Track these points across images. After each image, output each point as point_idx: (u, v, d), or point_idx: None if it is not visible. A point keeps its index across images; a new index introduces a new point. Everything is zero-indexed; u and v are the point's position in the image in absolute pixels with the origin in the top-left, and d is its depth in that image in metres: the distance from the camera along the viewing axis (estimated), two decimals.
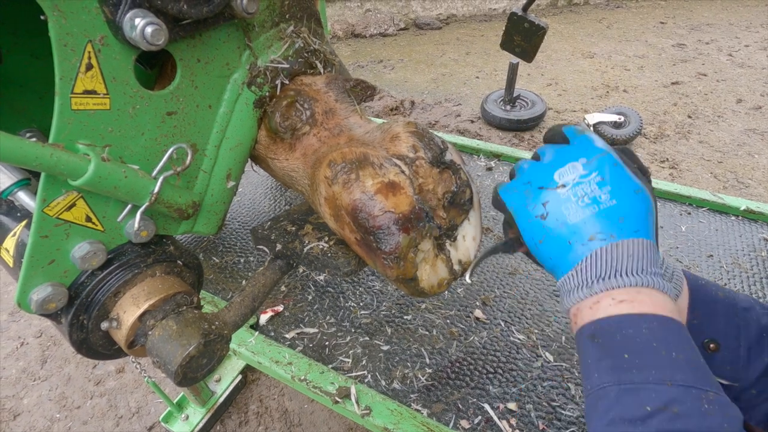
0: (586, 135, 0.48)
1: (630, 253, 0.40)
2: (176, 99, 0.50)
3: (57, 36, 0.38)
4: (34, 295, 0.46)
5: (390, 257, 0.47)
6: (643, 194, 0.43)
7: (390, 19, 4.94)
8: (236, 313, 0.57)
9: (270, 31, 0.57)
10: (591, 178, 0.43)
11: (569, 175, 0.44)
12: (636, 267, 0.40)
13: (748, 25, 4.78)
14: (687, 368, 0.35)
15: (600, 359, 0.38)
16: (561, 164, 0.46)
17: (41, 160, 0.39)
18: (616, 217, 0.41)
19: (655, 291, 0.39)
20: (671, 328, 0.38)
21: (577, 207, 0.43)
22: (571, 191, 0.44)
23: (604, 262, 0.40)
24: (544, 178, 0.46)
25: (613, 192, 0.42)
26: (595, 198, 0.43)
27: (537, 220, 0.45)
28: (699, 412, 0.33)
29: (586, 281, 0.41)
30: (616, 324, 0.38)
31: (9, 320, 1.90)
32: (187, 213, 0.54)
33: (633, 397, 0.35)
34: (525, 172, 0.48)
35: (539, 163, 0.48)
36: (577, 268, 0.42)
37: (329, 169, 0.49)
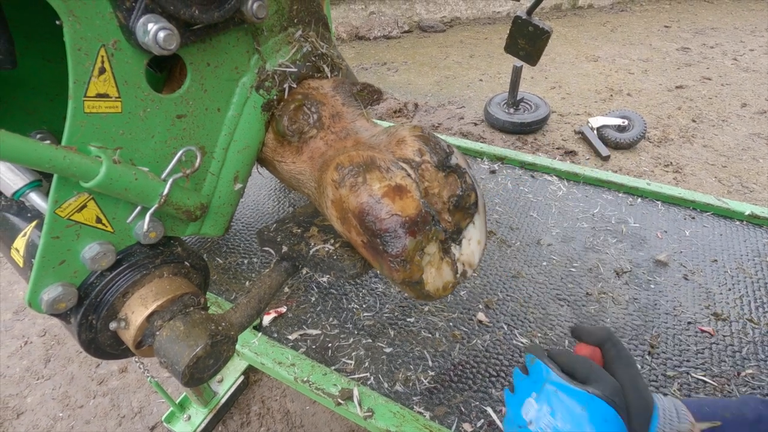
0: (536, 364, 0.55)
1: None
2: (186, 102, 0.51)
3: (71, 40, 0.39)
4: (44, 295, 0.46)
5: (396, 260, 0.47)
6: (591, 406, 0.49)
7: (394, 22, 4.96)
8: (242, 315, 0.58)
9: (278, 35, 0.58)
10: (544, 411, 0.51)
11: (530, 412, 0.52)
12: None
13: (753, 30, 4.77)
14: None
15: None
16: (521, 401, 0.54)
17: (54, 162, 0.39)
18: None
19: None
20: None
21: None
22: (536, 427, 0.51)
23: None
24: (517, 417, 0.54)
25: (564, 417, 0.49)
26: (555, 428, 0.49)
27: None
28: None
29: None
30: None
31: (13, 319, 1.91)
32: (195, 215, 0.55)
33: None
34: (509, 407, 0.56)
35: (513, 397, 0.56)
36: None
37: (337, 172, 0.50)
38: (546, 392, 0.52)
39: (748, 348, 0.86)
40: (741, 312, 0.93)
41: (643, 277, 1.03)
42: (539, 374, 0.54)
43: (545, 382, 0.52)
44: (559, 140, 2.95)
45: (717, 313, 0.93)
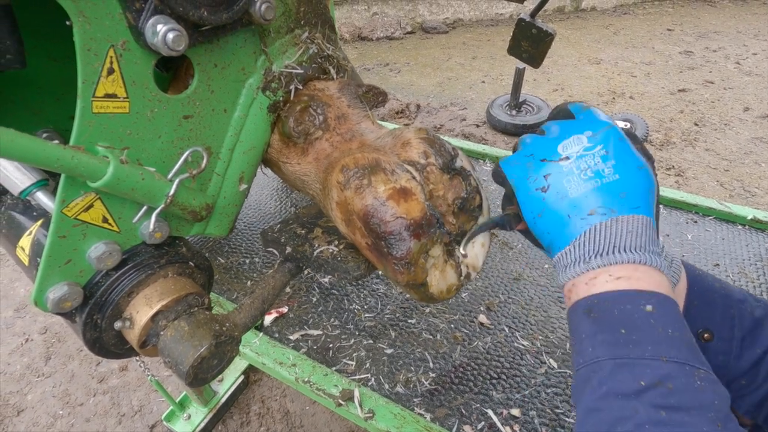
0: (592, 110, 0.47)
1: (630, 229, 0.39)
2: (193, 103, 0.51)
3: (81, 41, 0.39)
4: (50, 294, 0.47)
5: (401, 263, 0.47)
6: (646, 171, 0.42)
7: (397, 23, 4.96)
8: (246, 315, 0.58)
9: (285, 36, 0.58)
10: (595, 151, 0.42)
11: (573, 147, 0.43)
12: (635, 244, 0.39)
13: (756, 33, 4.77)
14: (682, 345, 0.35)
15: (595, 334, 0.38)
16: (565, 137, 0.44)
17: (62, 162, 0.40)
18: (618, 192, 0.41)
19: (652, 269, 0.39)
20: (668, 306, 0.37)
21: (579, 180, 0.42)
22: (574, 164, 0.43)
23: (602, 237, 0.40)
24: (547, 150, 0.45)
25: (617, 166, 0.41)
26: (599, 171, 0.42)
27: (537, 192, 0.44)
28: (692, 388, 0.33)
29: (584, 256, 0.40)
30: (613, 299, 0.38)
31: (14, 316, 1.91)
32: (200, 215, 0.55)
33: (628, 371, 0.35)
34: (528, 145, 0.47)
35: (543, 136, 0.47)
36: (575, 243, 0.41)
37: (342, 174, 0.50)
38: (606, 135, 0.42)
39: None
40: None
41: None
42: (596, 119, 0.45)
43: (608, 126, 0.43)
44: None
45: None
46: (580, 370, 0.38)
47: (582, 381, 0.38)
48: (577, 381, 0.39)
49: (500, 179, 0.49)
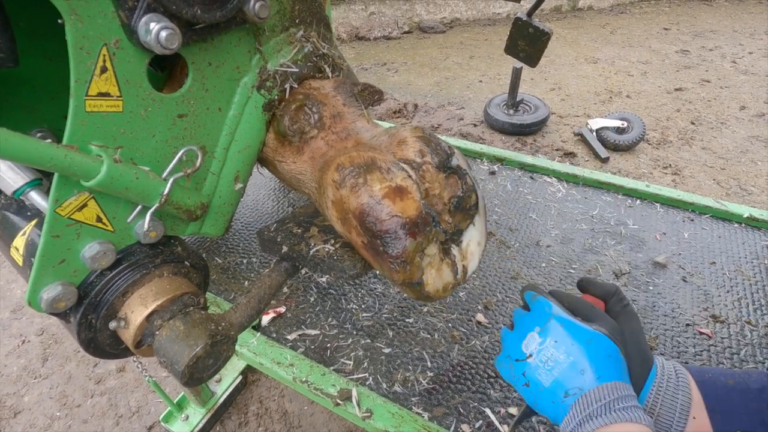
0: (538, 300, 0.56)
1: (597, 398, 0.47)
2: (187, 102, 0.51)
3: (73, 39, 0.39)
4: (44, 294, 0.46)
5: (396, 261, 0.47)
6: (595, 341, 0.50)
7: (394, 23, 4.96)
8: (242, 315, 0.58)
9: (280, 35, 0.58)
10: (547, 344, 0.51)
11: (531, 345, 0.53)
12: (605, 410, 0.46)
13: (752, 33, 4.79)
14: None
15: None
16: (524, 335, 0.54)
17: (56, 161, 0.39)
18: (577, 371, 0.49)
19: (629, 424, 0.45)
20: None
21: (546, 372, 0.50)
22: (537, 358, 0.51)
23: (579, 412, 0.47)
24: (516, 350, 0.54)
25: (568, 350, 0.50)
26: (557, 360, 0.50)
27: (524, 388, 0.53)
28: None
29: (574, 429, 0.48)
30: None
31: (11, 318, 1.90)
32: (195, 214, 0.55)
33: None
34: (505, 344, 0.57)
35: (512, 333, 0.57)
36: (566, 420, 0.49)
37: (337, 172, 0.50)
38: (550, 326, 0.52)
39: (746, 350, 0.86)
40: (739, 314, 0.94)
41: (642, 279, 1.03)
42: (542, 310, 0.54)
43: (550, 317, 0.52)
44: (559, 142, 2.96)
45: (715, 316, 0.94)
46: None
47: None
48: None
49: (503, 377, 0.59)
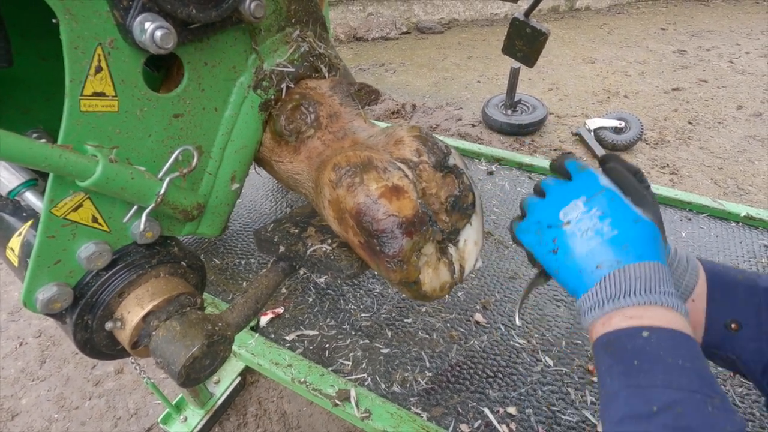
0: (587, 171, 0.52)
1: (637, 275, 0.43)
2: (183, 101, 0.51)
3: (68, 39, 0.39)
4: (39, 294, 0.46)
5: (393, 261, 0.47)
6: (643, 222, 0.47)
7: (392, 23, 4.97)
8: (239, 315, 0.58)
9: (276, 35, 0.58)
10: (592, 213, 0.48)
11: (572, 213, 0.49)
12: (643, 288, 0.43)
13: (749, 32, 4.80)
14: (693, 375, 0.38)
15: (612, 366, 0.41)
16: (565, 203, 0.50)
17: (50, 161, 0.39)
18: (620, 245, 0.45)
19: (663, 308, 0.42)
20: (679, 339, 0.40)
21: (582, 241, 0.47)
22: (575, 227, 0.48)
23: (612, 285, 0.44)
24: (550, 217, 0.50)
25: (614, 223, 0.46)
26: (598, 230, 0.47)
27: (550, 254, 0.50)
28: (703, 413, 0.35)
29: (599, 303, 0.45)
30: (627, 335, 0.41)
31: (8, 320, 1.89)
32: (191, 214, 0.55)
33: (640, 398, 0.38)
34: (534, 212, 0.53)
35: (545, 201, 0.53)
36: (591, 291, 0.46)
37: (334, 172, 0.49)
38: (598, 198, 0.48)
39: None
40: None
41: None
42: (591, 181, 0.50)
43: (600, 190, 0.49)
44: (557, 142, 2.96)
45: None
46: (602, 400, 0.42)
47: (603, 409, 0.41)
48: (601, 409, 0.42)
49: (518, 243, 0.55)
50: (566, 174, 0.54)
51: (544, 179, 0.55)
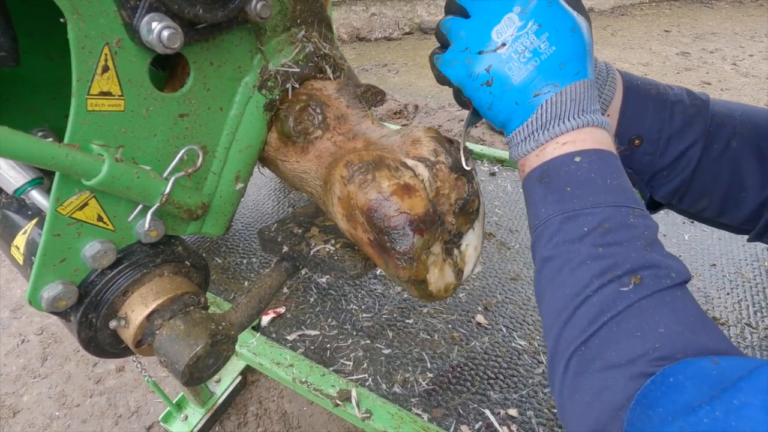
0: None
1: (573, 97, 0.41)
2: (188, 101, 0.51)
3: (75, 38, 0.39)
4: (44, 292, 0.46)
5: (404, 258, 0.47)
6: (578, 31, 0.42)
7: (395, 24, 4.97)
8: (242, 314, 0.58)
9: (281, 35, 0.58)
10: (528, 28, 0.42)
11: (507, 31, 0.42)
12: (577, 110, 0.41)
13: (753, 35, 4.79)
14: (618, 191, 0.40)
15: (546, 196, 0.42)
16: (497, 20, 0.43)
17: (57, 160, 0.39)
18: (557, 65, 0.42)
19: (594, 128, 0.42)
20: (607, 159, 0.41)
21: (520, 64, 0.42)
22: (511, 48, 0.42)
23: (548, 112, 0.42)
24: (482, 40, 0.43)
25: (551, 37, 0.41)
26: (535, 49, 0.41)
27: (483, 87, 0.44)
28: (626, 225, 0.38)
29: (532, 134, 0.43)
30: (560, 163, 0.41)
31: (10, 317, 1.90)
32: (196, 214, 0.55)
33: (573, 222, 0.39)
34: (461, 38, 0.46)
35: (471, 21, 0.45)
36: (525, 123, 0.43)
37: (346, 169, 0.50)
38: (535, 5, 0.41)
39: (746, 352, 0.86)
40: (739, 316, 0.94)
41: None
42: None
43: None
44: None
45: (715, 318, 0.94)
46: (536, 231, 0.43)
47: (537, 238, 0.43)
48: (534, 240, 0.44)
49: (445, 81, 0.49)
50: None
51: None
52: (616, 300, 0.35)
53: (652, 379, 0.31)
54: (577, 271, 0.37)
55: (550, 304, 0.40)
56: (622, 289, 0.35)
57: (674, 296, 0.35)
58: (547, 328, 0.40)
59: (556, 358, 0.38)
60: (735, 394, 0.26)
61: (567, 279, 0.38)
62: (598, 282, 0.36)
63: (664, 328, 0.33)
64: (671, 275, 0.36)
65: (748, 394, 0.25)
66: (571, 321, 0.37)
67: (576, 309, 0.37)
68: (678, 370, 0.30)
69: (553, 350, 0.39)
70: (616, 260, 0.36)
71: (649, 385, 0.31)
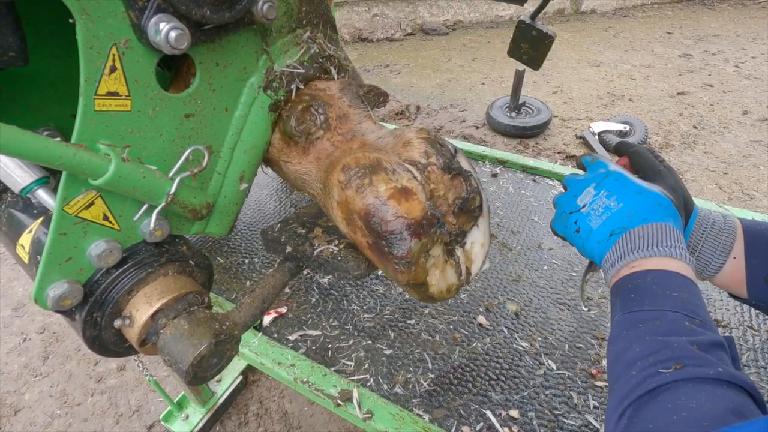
0: (597, 162, 0.62)
1: (641, 235, 0.51)
2: (194, 101, 0.51)
3: (84, 38, 0.39)
4: (50, 291, 0.47)
5: (402, 262, 0.47)
6: (646, 192, 0.54)
7: (397, 24, 4.97)
8: (246, 314, 0.58)
9: (287, 36, 0.58)
10: (601, 195, 0.57)
11: (586, 197, 0.59)
12: (646, 244, 0.50)
13: (755, 37, 4.79)
14: (678, 301, 0.45)
15: (615, 303, 0.50)
16: (580, 192, 0.60)
17: (65, 159, 0.40)
18: (625, 215, 0.54)
19: (665, 258, 0.49)
20: (673, 277, 0.48)
21: (596, 217, 0.57)
22: (589, 208, 0.58)
23: (621, 246, 0.52)
24: (570, 205, 0.61)
25: (619, 198, 0.55)
26: (607, 206, 0.56)
27: (575, 235, 0.59)
28: (680, 326, 0.43)
29: (612, 263, 0.53)
30: (630, 277, 0.50)
31: (12, 316, 1.90)
32: (200, 214, 0.55)
33: (630, 319, 0.46)
34: (560, 204, 0.64)
35: (566, 194, 0.63)
36: (606, 256, 0.54)
37: (343, 173, 0.50)
38: (606, 181, 0.57)
39: (748, 355, 0.86)
40: (741, 319, 0.94)
41: None
42: (599, 168, 0.60)
43: (607, 174, 0.58)
44: (561, 144, 2.96)
45: (717, 320, 0.93)
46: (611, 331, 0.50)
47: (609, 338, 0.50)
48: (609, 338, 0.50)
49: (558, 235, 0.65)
50: (583, 168, 0.65)
51: (566, 176, 0.66)
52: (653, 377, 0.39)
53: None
54: (627, 353, 0.43)
55: (610, 381, 0.46)
56: (662, 370, 0.39)
57: (716, 386, 0.37)
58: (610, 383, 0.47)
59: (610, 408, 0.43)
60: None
61: (620, 358, 0.44)
62: (641, 364, 0.41)
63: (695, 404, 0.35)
64: (719, 370, 0.37)
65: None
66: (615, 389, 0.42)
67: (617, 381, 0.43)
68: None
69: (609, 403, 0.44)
70: (661, 347, 0.41)
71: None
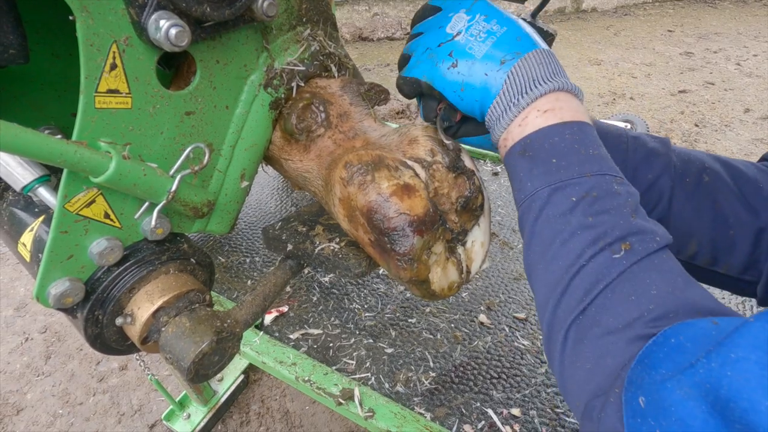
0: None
1: (539, 61, 0.44)
2: (195, 99, 0.51)
3: (84, 36, 0.39)
4: (52, 289, 0.47)
5: (404, 259, 0.47)
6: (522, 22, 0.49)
7: (397, 24, 4.97)
8: (248, 312, 0.58)
9: (287, 34, 0.58)
10: (477, 19, 0.48)
11: (458, 24, 0.49)
12: (548, 72, 0.44)
13: (757, 35, 4.77)
14: (601, 160, 0.42)
15: (531, 169, 0.43)
16: (447, 21, 0.50)
17: (66, 157, 0.40)
18: (514, 38, 0.46)
19: (569, 95, 0.44)
20: (586, 131, 0.43)
21: (478, 43, 0.47)
22: (466, 34, 0.48)
23: (521, 76, 0.44)
24: (439, 37, 0.50)
25: (499, 22, 0.47)
26: (489, 30, 0.47)
27: (451, 69, 0.48)
28: (611, 193, 0.39)
29: (512, 100, 0.45)
30: (543, 135, 0.43)
31: (14, 315, 1.91)
32: (202, 212, 0.55)
33: (561, 192, 0.40)
34: (420, 45, 0.52)
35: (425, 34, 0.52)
36: (501, 91, 0.45)
37: (345, 170, 0.50)
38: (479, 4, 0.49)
39: None
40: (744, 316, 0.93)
41: None
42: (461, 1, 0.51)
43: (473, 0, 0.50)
44: None
45: None
46: (522, 205, 0.44)
47: (524, 212, 0.43)
48: (521, 214, 0.44)
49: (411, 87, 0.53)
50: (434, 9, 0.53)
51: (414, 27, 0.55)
52: (610, 267, 0.36)
53: (654, 341, 0.32)
54: (569, 243, 0.38)
55: (543, 277, 0.40)
56: (614, 256, 0.36)
57: (661, 259, 0.36)
58: (541, 302, 0.41)
59: (553, 329, 0.39)
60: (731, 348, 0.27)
61: (559, 251, 0.39)
62: (590, 251, 0.37)
63: (655, 290, 0.34)
64: (656, 239, 0.37)
65: (744, 348, 0.26)
66: (567, 292, 0.38)
67: (571, 280, 0.37)
68: (679, 331, 0.31)
69: (549, 323, 0.39)
70: (606, 228, 0.37)
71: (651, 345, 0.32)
